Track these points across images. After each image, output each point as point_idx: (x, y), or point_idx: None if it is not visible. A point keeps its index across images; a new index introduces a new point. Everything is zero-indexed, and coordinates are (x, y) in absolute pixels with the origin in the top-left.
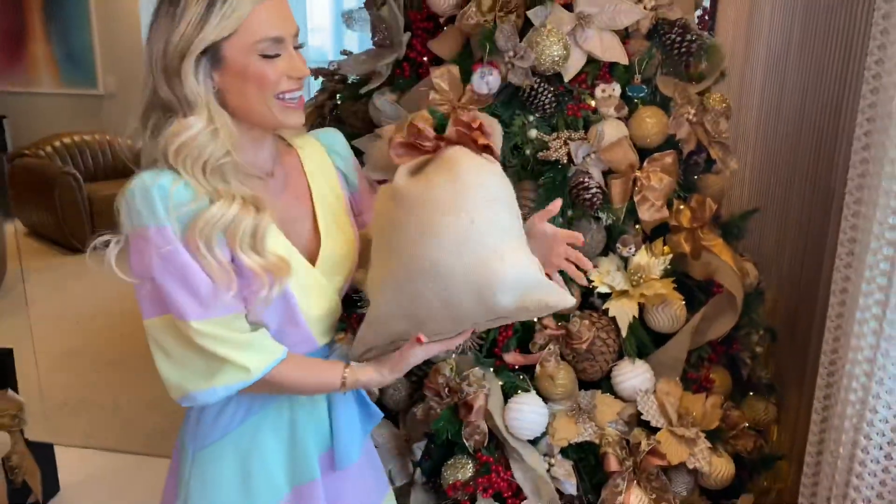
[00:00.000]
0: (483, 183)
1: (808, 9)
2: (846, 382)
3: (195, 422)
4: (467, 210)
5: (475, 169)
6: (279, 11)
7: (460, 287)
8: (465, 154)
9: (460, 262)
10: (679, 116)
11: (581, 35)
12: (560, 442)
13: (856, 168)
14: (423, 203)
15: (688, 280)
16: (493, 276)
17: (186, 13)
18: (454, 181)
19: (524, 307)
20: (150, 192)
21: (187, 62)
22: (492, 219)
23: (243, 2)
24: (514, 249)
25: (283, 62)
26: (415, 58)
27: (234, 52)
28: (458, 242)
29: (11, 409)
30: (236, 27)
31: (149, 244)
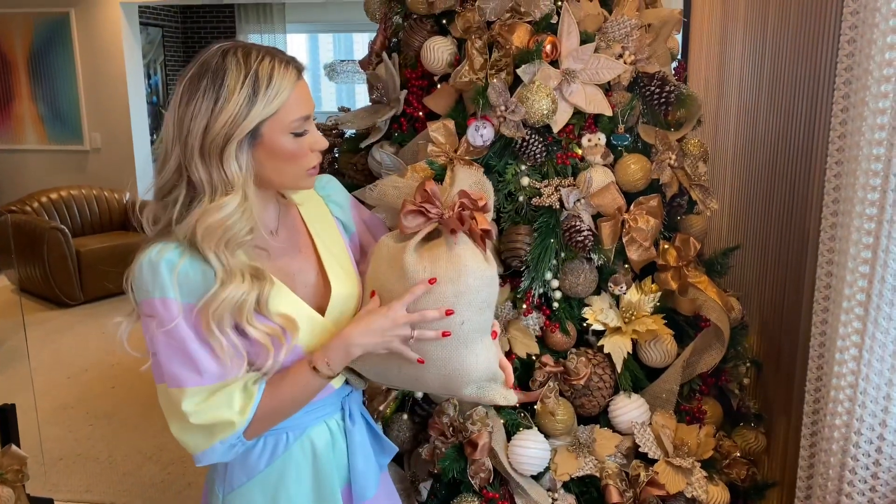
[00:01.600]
0: (479, 288)
1: (775, 60)
2: (831, 408)
3: (223, 466)
4: (461, 311)
5: (478, 275)
6: (306, 91)
7: (433, 372)
8: (473, 257)
9: (439, 355)
10: (661, 162)
11: (567, 89)
12: (562, 476)
13: (829, 207)
14: (425, 296)
15: (676, 315)
16: (462, 372)
17: (233, 98)
18: (457, 282)
19: (476, 399)
20: (157, 266)
21: (231, 146)
22: (478, 321)
23: (284, 84)
24: (486, 347)
25: (310, 137)
26: (411, 113)
27: (270, 132)
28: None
29: (15, 465)
30: (277, 109)
31: (153, 315)
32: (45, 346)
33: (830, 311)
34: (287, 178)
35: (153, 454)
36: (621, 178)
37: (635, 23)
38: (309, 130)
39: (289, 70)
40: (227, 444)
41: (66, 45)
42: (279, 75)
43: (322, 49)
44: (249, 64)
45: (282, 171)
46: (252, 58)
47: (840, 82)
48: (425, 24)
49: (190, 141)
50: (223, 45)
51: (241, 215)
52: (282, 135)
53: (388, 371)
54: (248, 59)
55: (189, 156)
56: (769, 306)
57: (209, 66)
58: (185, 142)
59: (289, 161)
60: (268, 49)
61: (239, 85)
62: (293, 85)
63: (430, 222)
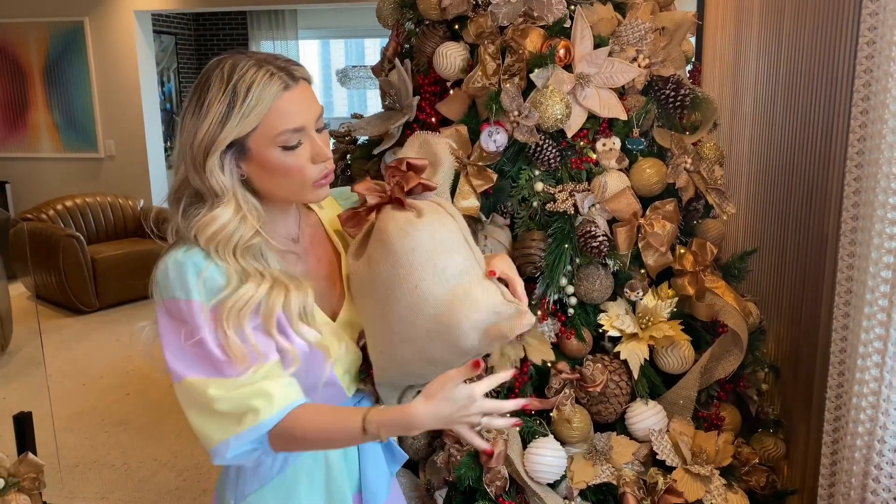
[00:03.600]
0: (413, 246)
1: (791, 61)
2: (854, 415)
3: (235, 473)
4: (406, 278)
5: (401, 234)
6: (300, 101)
7: (431, 345)
8: (390, 219)
9: (419, 326)
10: (677, 166)
11: (581, 94)
12: (579, 484)
13: (848, 211)
14: (371, 284)
15: (693, 321)
16: (451, 326)
17: (210, 111)
18: (387, 254)
19: (489, 340)
20: (183, 267)
21: (211, 159)
22: (434, 273)
23: (263, 99)
24: (464, 291)
25: (306, 150)
26: (424, 119)
27: (256, 145)
28: (411, 309)
29: (32, 473)
30: (257, 123)
31: (177, 315)
32: (61, 353)
33: (852, 316)
34: (289, 192)
35: (168, 461)
36: (637, 182)
37: (649, 26)
38: (304, 142)
39: (272, 80)
40: (243, 440)
41: (80, 53)
42: (258, 87)
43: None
44: (232, 76)
45: (280, 185)
46: (237, 70)
47: (859, 84)
48: (438, 29)
49: (184, 152)
50: (222, 56)
51: (238, 223)
52: (269, 148)
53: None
54: (233, 71)
55: (187, 164)
56: (787, 311)
57: (202, 79)
58: (182, 151)
59: (283, 175)
60: (261, 58)
61: (216, 100)
62: (275, 97)
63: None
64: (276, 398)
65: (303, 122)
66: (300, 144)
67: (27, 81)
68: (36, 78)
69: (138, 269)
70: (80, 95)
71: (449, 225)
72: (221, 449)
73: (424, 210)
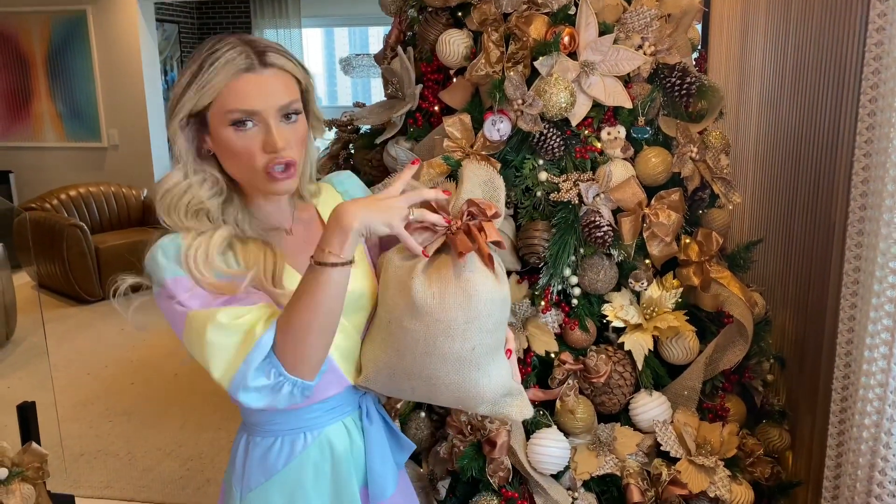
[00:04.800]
0: (491, 313)
1: (798, 49)
2: (860, 407)
3: (241, 465)
4: (471, 339)
5: (486, 298)
6: (262, 85)
7: (445, 392)
8: (483, 280)
9: (453, 378)
10: (682, 155)
11: (585, 82)
12: (582, 475)
13: (856, 201)
14: (435, 323)
15: (698, 312)
16: (476, 393)
17: (179, 81)
18: (467, 309)
19: (492, 414)
20: (157, 251)
21: (172, 123)
22: (489, 344)
23: (219, 76)
24: (499, 367)
25: (258, 136)
26: (427, 108)
27: (213, 120)
28: (457, 363)
29: (36, 462)
30: (212, 98)
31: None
32: (65, 342)
33: (859, 307)
34: (245, 177)
35: (172, 450)
36: (642, 171)
37: (655, 13)
38: (257, 126)
39: (237, 60)
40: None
41: (83, 42)
42: (220, 64)
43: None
44: (205, 51)
45: (234, 167)
46: (214, 46)
47: (868, 72)
48: (441, 17)
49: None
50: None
51: (187, 187)
52: (221, 125)
53: (401, 390)
54: (210, 48)
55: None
56: (793, 301)
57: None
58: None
59: (234, 156)
60: (244, 40)
61: (188, 69)
62: (233, 75)
63: (438, 237)
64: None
65: (258, 106)
66: (251, 127)
67: (30, 71)
68: (39, 67)
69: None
70: (83, 85)
71: (509, 298)
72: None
73: (500, 276)
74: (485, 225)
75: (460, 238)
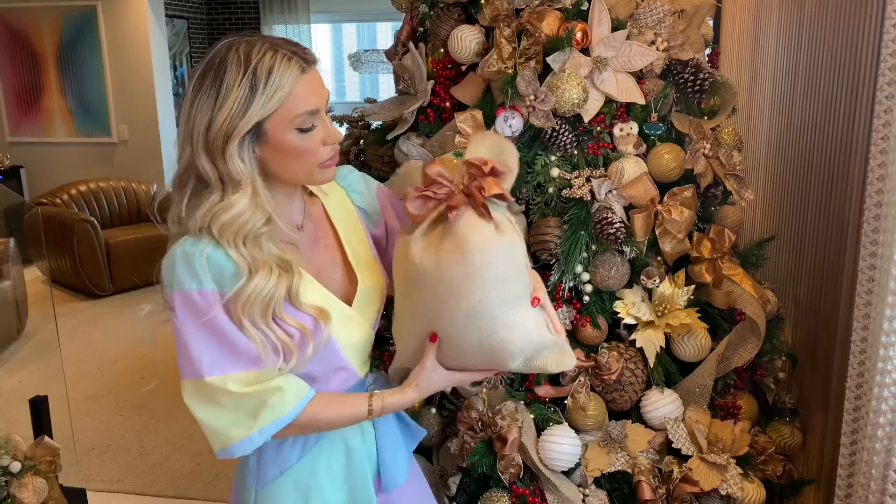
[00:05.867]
0: (489, 264)
1: (812, 45)
2: (875, 405)
3: (255, 461)
4: (475, 292)
5: (481, 248)
6: (314, 84)
7: (474, 354)
8: (473, 228)
9: (471, 336)
10: (695, 151)
11: (598, 78)
12: (593, 472)
13: (872, 198)
14: (437, 283)
15: (710, 309)
16: (501, 347)
17: (231, 95)
18: (463, 263)
19: (529, 369)
20: (192, 258)
21: (232, 144)
22: (499, 295)
23: (284, 80)
24: (522, 318)
25: (319, 132)
26: (438, 104)
27: (274, 129)
28: (469, 319)
29: (48, 456)
30: (278, 106)
31: (191, 306)
32: (76, 336)
33: (874, 304)
34: (298, 174)
35: (182, 444)
36: (654, 168)
37: (668, 8)
38: (318, 125)
39: (291, 64)
40: (265, 435)
41: (93, 38)
42: (279, 71)
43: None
44: (250, 59)
45: (290, 168)
46: (254, 53)
47: (885, 68)
48: (452, 12)
49: (195, 137)
50: (231, 39)
51: (253, 211)
52: (286, 131)
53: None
54: (250, 55)
55: (196, 151)
56: (805, 299)
57: (213, 63)
58: (191, 138)
59: (296, 157)
60: (274, 42)
61: (237, 82)
62: (295, 80)
63: (439, 205)
64: (287, 392)
65: (317, 104)
66: (314, 127)
67: (40, 66)
68: (49, 63)
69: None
70: (93, 80)
71: (520, 247)
72: (240, 446)
73: (502, 226)
74: (483, 181)
75: (453, 195)
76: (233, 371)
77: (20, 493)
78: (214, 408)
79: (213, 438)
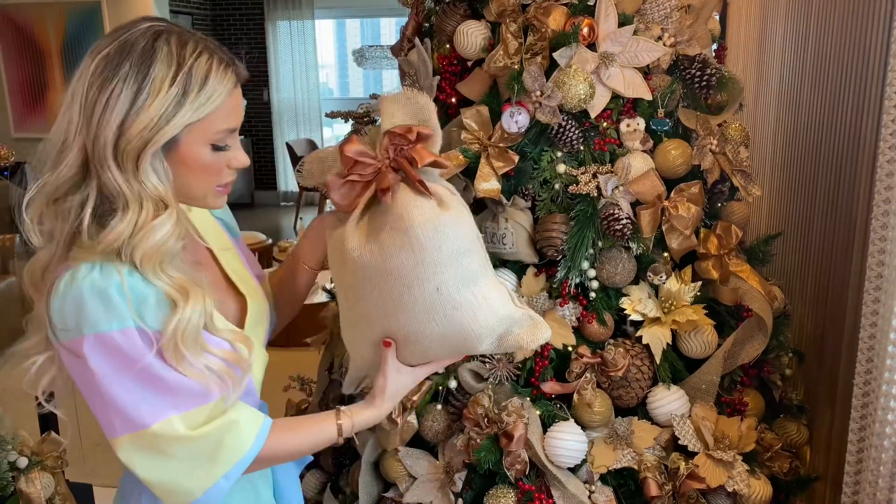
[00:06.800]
0: (440, 244)
1: (820, 40)
2: (883, 402)
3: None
4: (430, 279)
5: (430, 228)
6: (239, 102)
7: (438, 347)
8: (414, 207)
9: (433, 329)
10: (702, 147)
11: (605, 73)
12: (600, 469)
13: (881, 194)
14: (385, 276)
15: (717, 306)
16: (467, 332)
17: (160, 94)
18: (411, 248)
19: (503, 348)
20: (107, 292)
21: (148, 152)
22: (456, 275)
23: (220, 90)
24: (484, 296)
25: (231, 153)
26: (444, 99)
27: (190, 140)
28: (428, 310)
29: (55, 451)
30: (203, 116)
31: (111, 350)
32: None
33: (882, 301)
34: (194, 193)
35: None
36: (661, 164)
37: (675, 3)
38: (232, 146)
39: (227, 74)
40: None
41: (97, 33)
42: (216, 78)
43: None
44: (184, 57)
45: (190, 186)
46: (188, 50)
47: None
48: (458, 7)
49: (101, 135)
50: (154, 23)
51: (178, 234)
52: (201, 145)
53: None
54: (183, 52)
55: (101, 155)
56: (812, 295)
57: (134, 47)
58: (95, 135)
59: (200, 175)
60: (207, 43)
61: (168, 80)
62: (229, 92)
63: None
64: (243, 425)
65: (237, 123)
66: (227, 147)
67: (45, 62)
68: (54, 59)
69: None
70: None
71: (469, 220)
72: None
73: (445, 200)
74: (413, 152)
75: (382, 174)
76: (177, 412)
77: (27, 488)
78: (163, 460)
79: (169, 497)
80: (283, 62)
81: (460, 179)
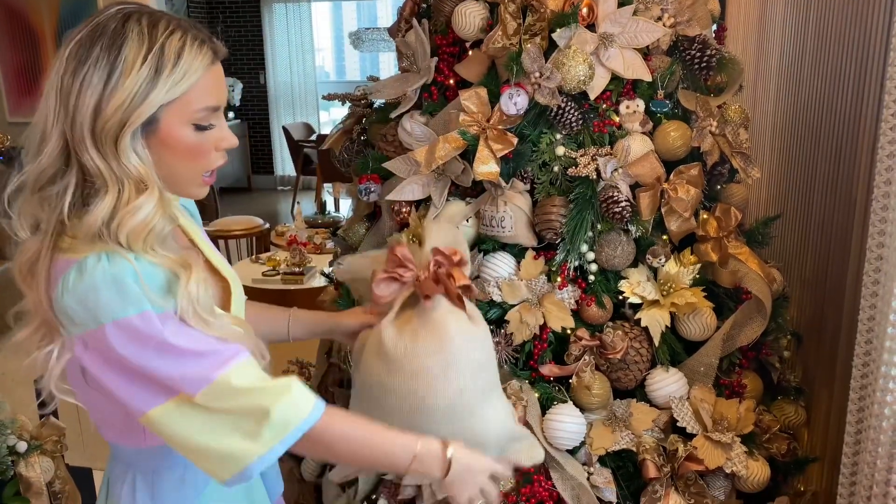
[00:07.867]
0: (471, 355)
1: (820, 19)
2: (882, 384)
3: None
4: (455, 381)
5: (463, 338)
6: (219, 79)
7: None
8: (455, 320)
9: (449, 428)
10: (702, 129)
11: (604, 54)
12: (598, 451)
13: (882, 175)
14: (415, 374)
15: (716, 288)
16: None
17: (132, 73)
18: (444, 352)
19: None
20: (122, 279)
21: (127, 133)
22: (478, 385)
23: (195, 66)
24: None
25: (216, 133)
26: (442, 81)
27: (170, 119)
28: (449, 412)
29: (54, 436)
30: (181, 94)
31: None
32: None
33: (882, 283)
34: (179, 180)
35: None
36: (661, 146)
37: None
38: (216, 125)
39: (202, 50)
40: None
41: None
42: (190, 54)
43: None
44: (155, 36)
45: (175, 170)
46: (160, 29)
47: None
48: None
49: (78, 119)
50: (125, 6)
51: (163, 211)
52: (182, 125)
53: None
54: (155, 31)
55: (79, 138)
56: (811, 277)
57: (105, 29)
58: (72, 120)
59: (186, 158)
60: (181, 21)
61: (140, 59)
62: (205, 68)
63: (405, 287)
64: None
65: (220, 101)
66: (212, 126)
67: (39, 46)
68: (48, 43)
69: None
70: None
71: (490, 338)
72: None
73: (474, 317)
74: (452, 271)
75: (426, 282)
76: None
77: (27, 472)
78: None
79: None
80: (280, 45)
81: (458, 162)
